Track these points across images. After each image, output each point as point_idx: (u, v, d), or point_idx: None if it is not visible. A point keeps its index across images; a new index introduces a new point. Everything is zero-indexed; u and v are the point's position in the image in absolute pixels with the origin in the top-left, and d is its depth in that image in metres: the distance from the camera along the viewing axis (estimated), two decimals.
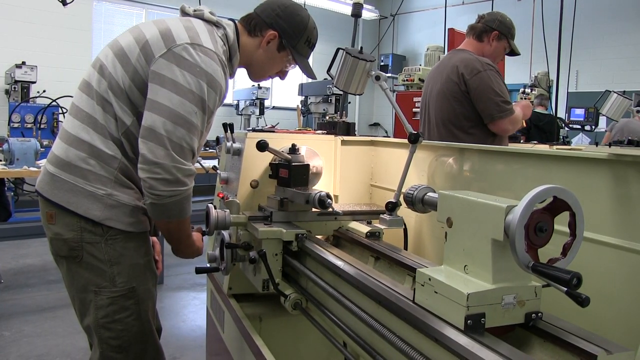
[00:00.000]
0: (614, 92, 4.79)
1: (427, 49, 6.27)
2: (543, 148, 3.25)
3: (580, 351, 0.98)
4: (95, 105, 1.75)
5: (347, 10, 3.70)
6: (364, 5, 3.04)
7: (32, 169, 4.68)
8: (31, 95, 7.44)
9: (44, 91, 7.26)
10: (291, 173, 2.00)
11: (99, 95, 1.75)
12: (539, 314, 1.08)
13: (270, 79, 2.13)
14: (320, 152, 2.27)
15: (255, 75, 2.07)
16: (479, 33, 3.06)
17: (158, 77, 1.66)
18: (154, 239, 2.07)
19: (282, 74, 2.10)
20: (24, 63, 7.36)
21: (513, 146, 3.10)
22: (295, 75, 2.38)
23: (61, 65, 8.61)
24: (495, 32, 3.04)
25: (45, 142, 5.36)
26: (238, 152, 2.22)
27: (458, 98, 2.83)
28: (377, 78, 1.92)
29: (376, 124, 13.70)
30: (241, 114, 9.44)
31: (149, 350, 1.87)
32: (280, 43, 1.96)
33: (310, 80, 7.41)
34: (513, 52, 3.18)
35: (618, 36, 9.00)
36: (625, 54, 8.91)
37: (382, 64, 12.14)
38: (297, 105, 6.69)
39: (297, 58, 2.00)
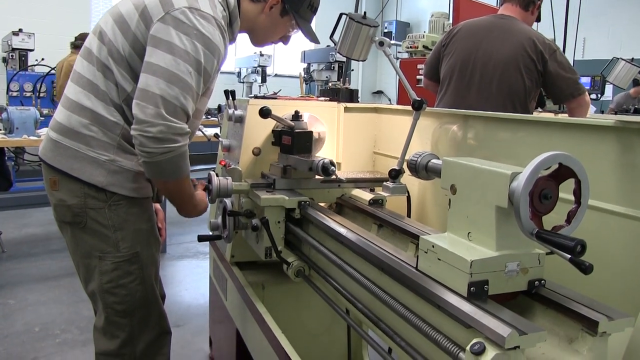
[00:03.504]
0: (622, 59, 4.74)
1: (432, 16, 6.19)
2: (548, 116, 3.23)
3: (581, 317, 0.99)
4: (96, 71, 1.75)
5: None
6: None
7: (32, 138, 4.66)
8: (29, 63, 7.38)
9: (43, 59, 7.20)
10: (294, 140, 1.99)
11: (99, 62, 1.75)
12: (542, 282, 1.09)
13: (273, 45, 2.11)
14: (323, 119, 2.26)
15: (258, 40, 2.05)
16: (527, 3, 2.98)
17: (154, 40, 1.65)
18: (157, 206, 2.09)
19: (285, 39, 2.08)
20: (20, 30, 7.28)
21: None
22: (298, 42, 2.36)
23: (59, 32, 8.50)
24: (539, 2, 3.03)
25: (45, 111, 5.34)
26: (240, 120, 2.21)
27: (530, 74, 2.75)
28: (381, 44, 1.90)
29: (379, 92, 13.61)
30: (243, 82, 9.37)
31: (153, 315, 1.91)
32: (283, 8, 1.94)
33: (313, 47, 7.34)
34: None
35: (628, 1, 8.85)
36: (635, 20, 8.77)
37: (385, 30, 11.98)
38: (300, 73, 6.63)
39: (300, 23, 1.98)
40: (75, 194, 1.76)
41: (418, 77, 5.06)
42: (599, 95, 7.34)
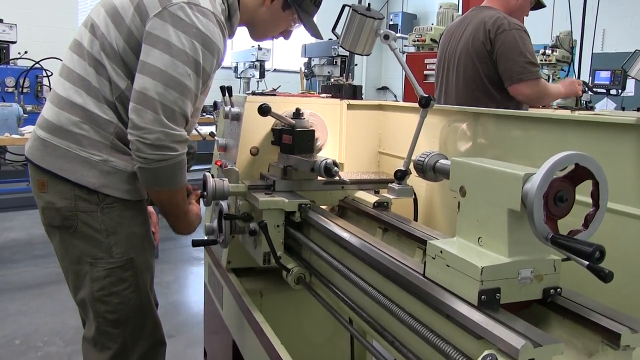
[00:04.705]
0: None
1: (440, 7, 6.21)
2: (564, 113, 3.24)
3: (602, 329, 0.99)
4: (88, 67, 1.75)
5: None
6: None
7: (14, 136, 4.66)
8: (11, 57, 7.36)
9: (26, 52, 7.18)
10: (295, 139, 2.00)
11: (91, 57, 1.75)
12: (558, 290, 1.09)
13: (273, 39, 2.12)
14: (324, 117, 2.26)
15: (258, 35, 2.06)
16: None
17: (151, 38, 1.66)
18: (151, 209, 2.09)
19: (287, 34, 2.09)
20: (1, 21, 7.27)
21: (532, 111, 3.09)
22: (298, 36, 2.36)
23: (44, 24, 8.51)
24: None
25: (28, 108, 5.34)
26: (237, 117, 2.22)
27: (483, 58, 2.78)
28: (386, 37, 1.91)
29: (384, 88, 13.61)
30: (240, 77, 9.36)
31: (147, 325, 1.91)
32: (285, 1, 1.94)
33: (314, 40, 7.34)
34: (538, 5, 3.14)
35: None
36: None
37: (391, 22, 11.99)
38: (300, 68, 6.63)
39: (303, 17, 1.99)
40: (65, 196, 1.76)
41: (425, 72, 5.08)
42: (620, 91, 7.31)
